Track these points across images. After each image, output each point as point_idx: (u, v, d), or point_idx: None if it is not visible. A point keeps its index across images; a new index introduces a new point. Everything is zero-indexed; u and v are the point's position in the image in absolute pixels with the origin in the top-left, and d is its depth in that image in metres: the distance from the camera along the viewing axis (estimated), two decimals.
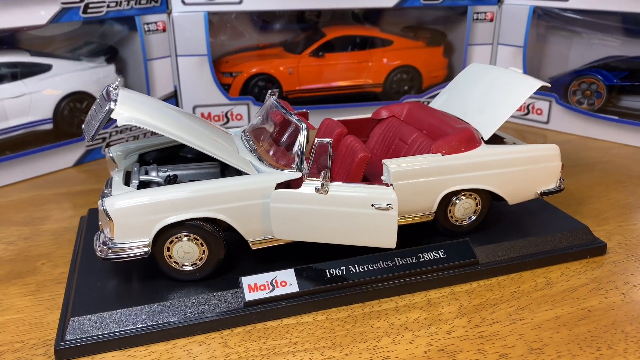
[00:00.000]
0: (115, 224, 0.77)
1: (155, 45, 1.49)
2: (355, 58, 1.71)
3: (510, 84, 1.00)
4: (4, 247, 1.03)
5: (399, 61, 1.73)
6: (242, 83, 1.64)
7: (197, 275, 0.84)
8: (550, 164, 0.97)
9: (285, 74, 1.67)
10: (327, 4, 1.57)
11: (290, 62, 1.67)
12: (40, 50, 1.39)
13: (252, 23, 1.76)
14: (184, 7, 1.49)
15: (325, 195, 0.80)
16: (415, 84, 1.76)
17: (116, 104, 0.80)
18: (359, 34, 1.73)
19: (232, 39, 1.73)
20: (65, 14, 1.29)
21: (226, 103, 1.59)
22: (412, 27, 1.84)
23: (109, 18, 1.38)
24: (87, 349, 0.76)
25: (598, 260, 0.98)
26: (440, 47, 1.76)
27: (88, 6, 1.32)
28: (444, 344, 0.78)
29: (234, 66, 1.65)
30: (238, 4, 1.51)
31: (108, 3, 1.35)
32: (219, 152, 0.84)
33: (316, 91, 1.71)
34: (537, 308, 0.85)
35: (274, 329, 0.81)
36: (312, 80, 1.70)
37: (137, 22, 1.43)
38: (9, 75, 1.33)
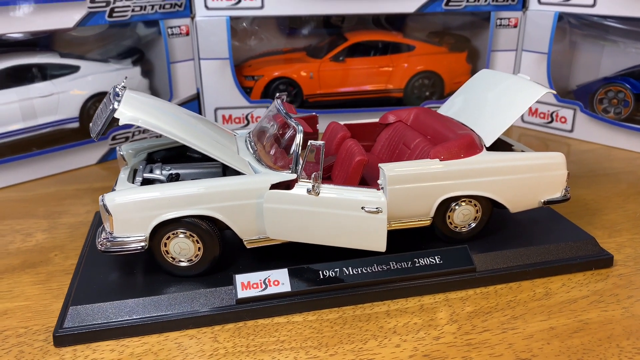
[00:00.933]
0: (114, 218, 0.81)
1: (179, 49, 1.53)
2: (376, 63, 1.72)
3: (515, 91, 0.98)
4: (22, 238, 1.09)
5: (421, 67, 1.73)
6: (263, 86, 1.67)
7: (192, 271, 0.87)
8: (554, 173, 0.95)
9: (306, 78, 1.70)
10: (347, 8, 1.59)
11: (311, 66, 1.69)
12: (69, 52, 1.46)
13: (280, 29, 1.79)
14: (207, 12, 1.53)
15: (317, 197, 0.82)
16: (437, 90, 1.75)
17: (120, 103, 0.83)
18: (381, 39, 1.74)
19: (259, 43, 1.77)
20: (92, 17, 1.35)
21: (247, 106, 1.63)
22: (438, 32, 1.84)
23: (133, 22, 1.44)
24: (83, 337, 0.79)
25: (603, 272, 0.96)
26: (464, 53, 1.75)
27: (113, 10, 1.38)
28: (429, 350, 0.78)
29: (256, 70, 1.68)
30: (260, 8, 1.54)
31: (133, 7, 1.41)
32: (217, 152, 0.86)
33: (336, 95, 1.73)
34: (531, 318, 0.84)
35: (264, 326, 0.83)
36: (332, 84, 1.71)
37: (161, 26, 1.48)
38: (39, 75, 1.41)
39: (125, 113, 0.83)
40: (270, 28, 1.78)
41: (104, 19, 1.37)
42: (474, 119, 1.02)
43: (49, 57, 1.42)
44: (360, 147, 0.93)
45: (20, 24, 1.26)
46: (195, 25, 1.54)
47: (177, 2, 1.49)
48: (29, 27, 1.28)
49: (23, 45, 1.40)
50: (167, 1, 1.47)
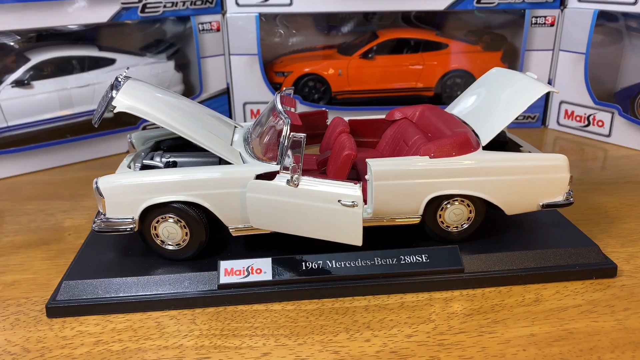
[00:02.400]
0: (106, 201, 0.86)
1: (209, 44, 1.58)
2: (406, 61, 1.70)
3: (517, 90, 0.95)
4: (44, 218, 1.17)
5: (453, 65, 1.69)
6: (292, 82, 1.69)
7: (180, 255, 0.90)
8: (555, 175, 0.91)
9: (335, 75, 1.70)
10: (375, 6, 1.58)
11: (341, 63, 1.70)
12: (107, 45, 1.55)
13: (317, 26, 1.81)
14: (238, 9, 1.57)
15: (296, 189, 0.83)
16: None
17: (118, 92, 0.88)
18: (413, 36, 1.72)
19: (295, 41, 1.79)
20: (125, 13, 1.42)
21: None
22: (477, 31, 1.79)
23: (165, 17, 1.50)
24: (73, 310, 0.84)
25: (604, 282, 0.91)
26: (499, 52, 1.69)
27: (146, 6, 1.44)
28: (399, 347, 0.77)
29: (286, 66, 1.71)
30: (288, 5, 1.57)
31: (164, 3, 1.47)
32: (208, 142, 0.89)
33: (365, 93, 1.73)
34: (513, 323, 0.81)
35: (242, 312, 0.85)
36: (361, 82, 1.71)
37: (192, 21, 1.54)
38: (78, 67, 1.50)
39: (122, 101, 0.87)
40: (308, 26, 1.80)
41: (136, 14, 1.44)
42: (475, 117, 0.99)
43: (87, 50, 1.51)
44: (352, 142, 0.93)
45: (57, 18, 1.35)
46: (226, 21, 1.58)
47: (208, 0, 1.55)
48: (66, 22, 1.37)
49: (72, 37, 1.49)
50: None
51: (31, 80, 1.42)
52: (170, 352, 0.77)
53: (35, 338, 0.80)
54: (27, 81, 1.42)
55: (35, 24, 1.34)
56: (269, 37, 1.74)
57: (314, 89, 1.72)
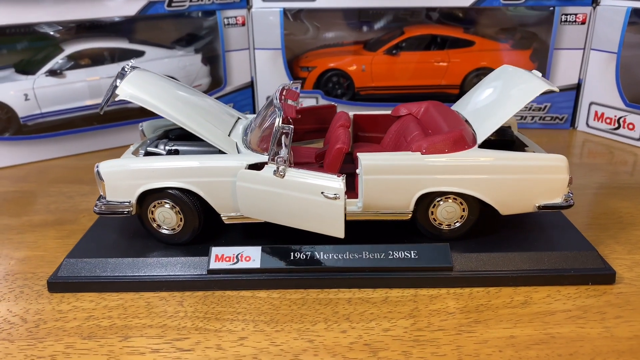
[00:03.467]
0: (105, 184, 0.90)
1: (234, 38, 1.62)
2: (431, 58, 1.68)
3: (518, 88, 0.93)
4: (63, 200, 1.23)
5: (479, 63, 1.66)
6: (316, 77, 1.71)
7: (175, 239, 0.94)
8: (553, 176, 0.89)
9: (358, 71, 1.71)
10: (399, 2, 1.57)
11: (365, 59, 1.70)
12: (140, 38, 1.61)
13: (348, 22, 1.82)
14: (263, 4, 1.60)
15: (282, 179, 0.84)
16: None
17: (122, 81, 0.92)
18: (439, 33, 1.70)
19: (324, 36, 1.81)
20: (152, 7, 1.48)
21: None
22: (509, 28, 1.75)
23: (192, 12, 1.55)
24: (71, 286, 0.89)
25: (600, 288, 0.88)
26: (528, 51, 1.65)
27: (172, 0, 1.49)
28: (373, 340, 0.78)
29: (311, 61, 1.73)
30: (312, 1, 1.58)
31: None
32: (204, 131, 0.92)
33: (388, 89, 1.72)
34: (495, 324, 0.80)
35: (229, 298, 0.87)
36: (384, 78, 1.71)
37: (217, 16, 1.58)
38: (109, 58, 1.57)
39: (125, 90, 0.91)
40: (338, 22, 1.80)
41: (163, 8, 1.49)
42: (476, 115, 0.98)
43: (118, 43, 1.58)
44: (346, 136, 0.94)
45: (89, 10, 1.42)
46: (252, 16, 1.61)
47: None
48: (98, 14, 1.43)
49: (110, 29, 1.56)
50: None
51: (64, 70, 1.50)
52: (152, 330, 0.80)
53: (34, 310, 0.85)
54: (60, 70, 1.49)
55: (71, 16, 1.41)
56: (298, 33, 1.76)
57: (337, 85, 1.72)
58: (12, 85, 1.45)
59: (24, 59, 1.53)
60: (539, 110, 1.62)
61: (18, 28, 1.48)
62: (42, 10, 1.38)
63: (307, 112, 1.16)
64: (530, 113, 1.63)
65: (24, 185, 1.33)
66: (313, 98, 1.68)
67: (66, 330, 0.81)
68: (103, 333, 0.80)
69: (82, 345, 0.78)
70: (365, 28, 1.80)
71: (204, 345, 0.77)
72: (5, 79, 1.47)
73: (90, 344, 0.78)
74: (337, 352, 0.76)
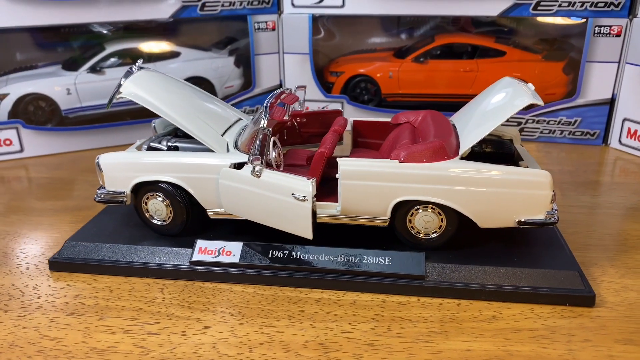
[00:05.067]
0: (104, 175, 0.97)
1: (264, 42, 1.68)
2: (459, 67, 1.66)
3: (506, 101, 0.92)
4: (86, 188, 1.33)
5: (508, 74, 1.61)
6: (343, 83, 1.73)
7: (166, 231, 0.99)
8: (534, 192, 0.87)
9: (385, 78, 1.71)
10: (427, 10, 1.57)
11: (393, 66, 1.71)
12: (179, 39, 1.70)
13: (385, 28, 1.83)
14: (293, 9, 1.64)
15: (258, 179, 0.88)
16: None
17: (127, 80, 0.99)
18: (470, 42, 1.67)
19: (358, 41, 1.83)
20: (185, 10, 1.56)
21: (322, 100, 1.71)
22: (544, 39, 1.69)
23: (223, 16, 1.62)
24: (69, 267, 0.97)
25: (578, 310, 0.85)
26: (561, 62, 1.59)
27: (205, 5, 1.57)
28: (329, 340, 0.79)
29: (340, 66, 1.75)
30: (340, 7, 1.61)
31: (222, 2, 1.58)
32: (197, 130, 0.97)
33: (415, 97, 1.71)
34: (455, 337, 0.80)
35: (207, 289, 0.92)
36: (412, 85, 1.70)
37: (248, 20, 1.64)
38: (146, 57, 1.66)
39: (127, 89, 0.98)
40: (375, 28, 1.82)
41: (196, 12, 1.57)
42: (464, 126, 0.97)
43: (156, 44, 1.68)
44: (332, 140, 0.97)
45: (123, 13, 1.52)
46: (282, 21, 1.66)
47: (264, 0, 1.63)
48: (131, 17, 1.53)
49: (156, 30, 1.66)
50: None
51: (104, 68, 1.61)
52: (129, 313, 0.86)
53: (33, 285, 0.94)
54: (100, 68, 1.61)
55: (118, 17, 1.53)
56: (335, 38, 1.79)
57: (364, 90, 1.74)
58: (57, 81, 1.58)
59: (72, 56, 1.65)
60: (569, 124, 1.56)
61: (72, 28, 1.61)
62: (94, 11, 1.49)
63: (312, 116, 1.20)
64: (560, 127, 1.57)
65: (57, 172, 1.44)
66: (338, 103, 1.71)
67: (54, 305, 0.88)
68: (85, 311, 0.87)
69: (64, 320, 0.85)
70: (404, 35, 1.81)
71: (170, 331, 0.82)
72: (52, 74, 1.59)
73: (71, 320, 0.85)
74: (291, 348, 0.78)
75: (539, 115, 1.58)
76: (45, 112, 1.58)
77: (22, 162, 1.52)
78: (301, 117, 1.19)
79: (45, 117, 1.58)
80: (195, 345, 0.79)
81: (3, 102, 1.52)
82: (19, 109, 1.54)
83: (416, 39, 1.77)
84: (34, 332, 0.82)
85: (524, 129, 1.60)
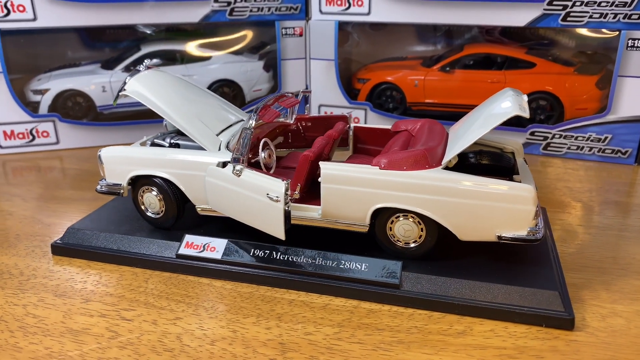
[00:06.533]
0: (104, 167, 1.03)
1: (291, 48, 1.71)
2: (486, 77, 1.62)
3: (491, 113, 0.89)
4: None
5: (538, 86, 1.57)
6: (369, 90, 1.73)
7: (159, 223, 1.04)
8: (517, 207, 0.84)
9: (411, 86, 1.70)
10: (453, 19, 1.54)
11: (418, 74, 1.69)
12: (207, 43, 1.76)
13: (420, 36, 1.82)
14: (320, 16, 1.66)
15: (238, 178, 0.90)
16: (554, 114, 1.56)
17: (132, 78, 1.05)
18: (499, 52, 1.63)
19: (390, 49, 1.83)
20: (215, 14, 1.61)
21: (346, 106, 1.72)
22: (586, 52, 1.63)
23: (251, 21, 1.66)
24: (68, 252, 1.03)
25: (554, 332, 0.81)
26: (594, 76, 1.52)
27: (234, 10, 1.62)
28: (289, 340, 0.80)
29: (367, 73, 1.75)
30: (367, 15, 1.61)
31: (251, 8, 1.63)
32: (192, 129, 1.00)
33: (440, 106, 1.69)
34: (417, 348, 0.79)
35: (188, 282, 0.95)
36: (437, 95, 1.68)
37: (276, 26, 1.67)
38: (179, 59, 1.74)
39: (130, 86, 1.03)
40: (410, 35, 1.82)
41: (225, 16, 1.62)
42: (454, 136, 0.95)
43: (190, 46, 1.75)
44: (319, 145, 0.98)
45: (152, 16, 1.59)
46: (309, 27, 1.69)
47: (293, 6, 1.66)
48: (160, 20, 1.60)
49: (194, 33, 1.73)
50: (283, 4, 1.65)
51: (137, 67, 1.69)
52: (110, 298, 0.90)
53: (33, 267, 1.00)
54: (134, 68, 1.69)
55: (153, 19, 1.60)
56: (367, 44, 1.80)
57: (390, 98, 1.73)
58: (94, 78, 1.68)
59: (112, 56, 1.75)
60: (598, 141, 1.49)
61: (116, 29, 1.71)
62: (137, 13, 1.57)
63: (319, 121, 1.21)
64: (589, 144, 1.50)
65: (85, 164, 1.53)
66: (362, 110, 1.71)
67: (46, 287, 0.94)
68: (72, 294, 0.92)
69: (51, 300, 0.90)
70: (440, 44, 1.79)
71: (143, 319, 0.85)
72: (91, 72, 1.70)
73: (57, 301, 0.90)
74: (251, 345, 0.80)
75: (566, 130, 1.51)
76: (82, 107, 1.68)
77: (57, 154, 1.63)
78: (306, 121, 1.20)
79: (82, 112, 1.68)
80: (162, 334, 0.82)
81: (44, 96, 1.63)
82: (58, 103, 1.64)
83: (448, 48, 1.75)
84: (21, 309, 0.88)
85: (550, 144, 1.54)
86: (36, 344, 0.80)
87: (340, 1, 1.62)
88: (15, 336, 0.82)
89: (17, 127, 1.59)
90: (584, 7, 1.40)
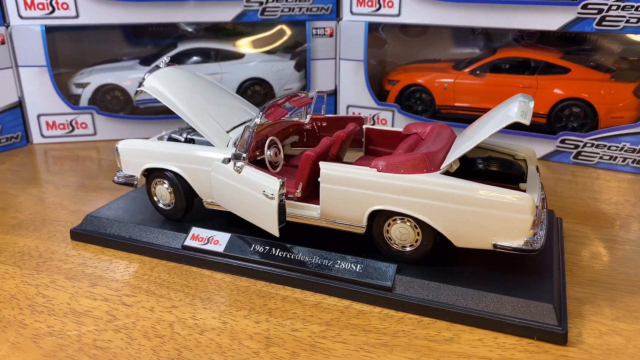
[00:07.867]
0: (120, 159, 1.08)
1: (321, 48, 1.72)
2: (518, 82, 1.58)
3: (497, 118, 0.87)
4: None
5: (572, 93, 1.51)
6: (398, 91, 1.72)
7: (170, 215, 1.07)
8: (513, 215, 0.82)
9: (440, 89, 1.68)
10: (481, 21, 1.51)
11: (449, 77, 1.67)
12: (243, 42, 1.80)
13: (456, 39, 1.80)
14: (351, 17, 1.67)
15: (239, 174, 0.92)
16: (588, 122, 1.51)
17: (150, 75, 1.09)
18: (533, 57, 1.58)
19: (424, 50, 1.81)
20: (247, 14, 1.65)
21: (373, 107, 1.71)
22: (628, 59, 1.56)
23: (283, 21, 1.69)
24: (85, 238, 1.08)
25: (545, 346, 0.79)
26: (632, 84, 1.46)
27: (265, 9, 1.65)
28: (276, 335, 0.82)
29: (397, 75, 1.74)
30: (397, 16, 1.61)
31: (282, 8, 1.65)
32: (203, 125, 1.03)
33: (469, 110, 1.66)
34: (400, 352, 0.78)
35: (191, 273, 0.98)
36: (467, 98, 1.65)
37: (307, 26, 1.69)
38: (213, 57, 1.78)
39: (149, 82, 1.08)
40: (446, 38, 1.80)
41: (257, 16, 1.66)
42: (460, 141, 0.94)
43: (224, 44, 1.79)
44: (324, 145, 0.98)
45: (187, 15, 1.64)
46: (340, 27, 1.69)
47: (324, 7, 1.67)
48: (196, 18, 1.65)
49: (232, 32, 1.79)
50: (314, 5, 1.67)
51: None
52: (115, 284, 0.95)
53: (52, 250, 1.06)
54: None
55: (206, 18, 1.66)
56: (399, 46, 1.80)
57: (419, 100, 1.72)
58: (131, 74, 1.75)
59: (152, 52, 1.82)
60: (633, 151, 1.42)
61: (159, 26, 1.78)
62: (181, 12, 1.63)
63: (334, 121, 1.22)
64: (622, 154, 1.44)
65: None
66: (390, 111, 1.70)
67: (60, 269, 1.00)
68: (81, 277, 0.97)
69: (62, 283, 0.96)
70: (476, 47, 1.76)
71: (141, 305, 0.89)
72: (129, 68, 1.77)
73: (67, 283, 0.95)
74: (237, 337, 0.82)
75: (598, 139, 1.45)
76: (120, 101, 1.76)
77: (95, 145, 1.71)
78: (322, 120, 1.22)
79: (119, 105, 1.75)
80: (156, 321, 0.85)
81: (85, 90, 1.72)
82: (97, 97, 1.73)
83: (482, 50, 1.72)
84: (34, 289, 0.94)
85: (581, 152, 1.48)
86: (40, 322, 0.85)
87: (371, 2, 1.62)
88: (23, 313, 0.87)
89: (58, 118, 1.68)
90: (620, 11, 1.34)
